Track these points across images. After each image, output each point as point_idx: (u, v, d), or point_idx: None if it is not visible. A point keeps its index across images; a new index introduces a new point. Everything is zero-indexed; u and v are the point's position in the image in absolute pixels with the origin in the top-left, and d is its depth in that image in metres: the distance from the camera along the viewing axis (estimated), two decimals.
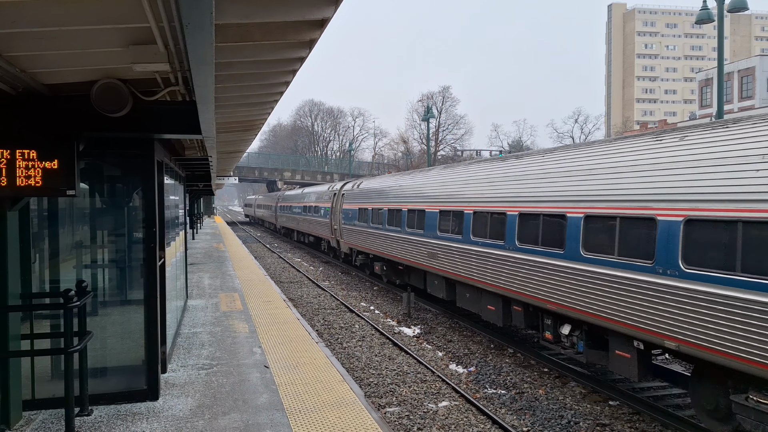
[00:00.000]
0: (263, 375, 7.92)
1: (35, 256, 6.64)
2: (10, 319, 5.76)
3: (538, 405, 9.20)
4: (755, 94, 53.89)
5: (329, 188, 29.65)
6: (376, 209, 20.07)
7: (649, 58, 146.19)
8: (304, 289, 20.58)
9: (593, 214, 8.59)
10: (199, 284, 16.40)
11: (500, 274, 11.10)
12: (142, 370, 6.89)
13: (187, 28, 3.03)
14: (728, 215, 6.51)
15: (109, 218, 7.65)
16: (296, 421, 6.30)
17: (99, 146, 6.36)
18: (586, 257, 8.63)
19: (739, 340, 6.32)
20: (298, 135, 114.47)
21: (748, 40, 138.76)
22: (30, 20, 3.83)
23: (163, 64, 4.70)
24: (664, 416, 8.45)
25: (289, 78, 6.89)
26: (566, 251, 9.09)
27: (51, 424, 6.06)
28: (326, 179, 70.79)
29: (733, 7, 18.19)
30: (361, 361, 11.46)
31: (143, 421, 6.22)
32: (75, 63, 4.99)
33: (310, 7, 4.41)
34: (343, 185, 26.71)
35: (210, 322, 11.38)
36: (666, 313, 7.21)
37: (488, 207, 11.78)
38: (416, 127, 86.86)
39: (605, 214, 8.35)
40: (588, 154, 9.32)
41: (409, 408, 8.92)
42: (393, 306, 17.65)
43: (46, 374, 6.64)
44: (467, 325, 14.54)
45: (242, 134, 12.93)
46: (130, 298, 7.41)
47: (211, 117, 5.84)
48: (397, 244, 17.78)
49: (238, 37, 4.73)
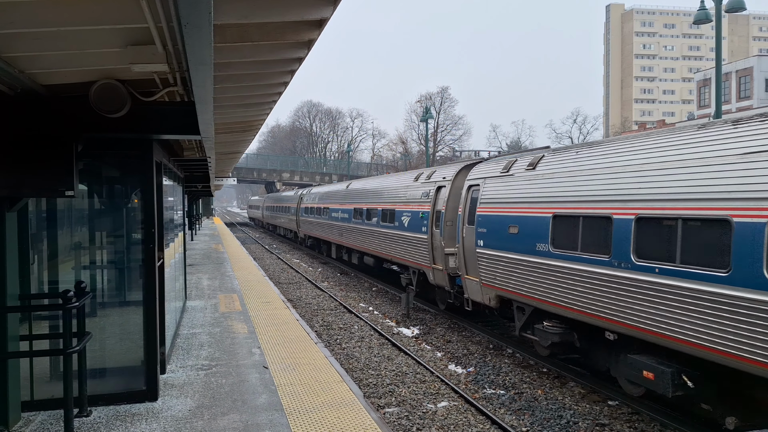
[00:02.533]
0: (262, 375, 7.92)
1: (34, 257, 6.64)
2: (9, 320, 5.75)
3: (537, 405, 9.20)
4: (753, 94, 53.99)
5: (432, 177, 15.86)
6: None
7: (648, 58, 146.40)
8: (303, 290, 20.57)
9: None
10: (198, 285, 16.39)
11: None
12: (141, 371, 6.89)
13: (186, 29, 3.03)
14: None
15: (107, 219, 7.65)
16: (295, 421, 6.30)
17: (97, 147, 6.36)
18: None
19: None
20: (297, 136, 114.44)
21: (746, 40, 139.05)
22: (28, 21, 3.83)
23: (162, 64, 4.70)
24: (663, 416, 8.45)
25: (288, 78, 6.91)
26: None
27: (50, 425, 6.05)
28: (324, 180, 70.77)
29: (731, 7, 18.24)
30: (360, 361, 11.46)
31: (142, 422, 6.21)
32: (73, 63, 4.99)
33: (309, 8, 4.42)
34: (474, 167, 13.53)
35: (209, 322, 11.37)
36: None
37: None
38: (415, 127, 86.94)
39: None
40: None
41: (408, 408, 8.92)
42: (392, 306, 17.64)
43: (45, 375, 6.64)
44: (466, 325, 14.54)
45: (241, 135, 12.94)
46: (129, 299, 7.41)
47: (209, 118, 5.84)
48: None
49: (236, 38, 4.74)
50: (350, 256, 24.95)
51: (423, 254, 15.53)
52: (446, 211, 14.27)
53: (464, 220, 12.77)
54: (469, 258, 12.48)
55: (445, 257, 14.08)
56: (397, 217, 17.60)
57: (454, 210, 14.07)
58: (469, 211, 12.61)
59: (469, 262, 12.52)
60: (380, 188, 20.79)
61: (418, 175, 17.38)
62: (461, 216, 12.91)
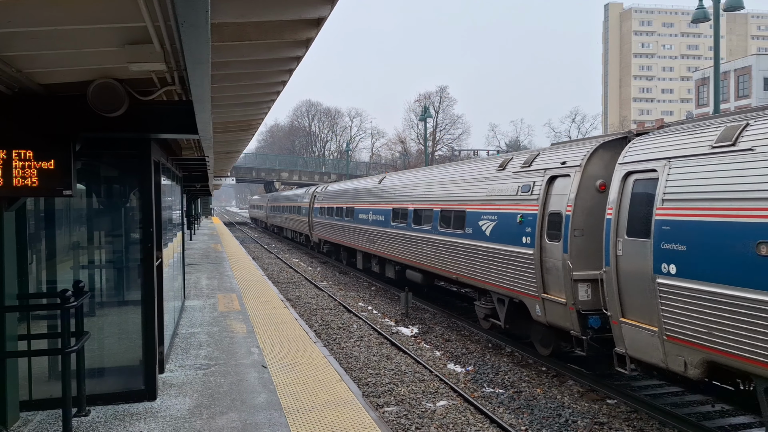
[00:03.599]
0: (261, 375, 7.92)
1: (32, 256, 6.63)
2: (7, 319, 5.74)
3: (536, 404, 9.21)
4: (752, 93, 54.04)
5: (535, 163, 11.37)
6: None
7: (646, 57, 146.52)
8: (302, 290, 20.57)
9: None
10: (197, 285, 16.38)
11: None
12: (139, 371, 6.88)
13: (183, 27, 3.03)
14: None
15: (106, 219, 7.64)
16: (294, 420, 6.30)
17: (95, 146, 6.35)
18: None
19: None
20: (296, 135, 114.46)
21: (745, 39, 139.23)
22: (26, 20, 3.83)
23: (160, 63, 4.70)
24: (662, 414, 8.46)
25: (286, 77, 6.91)
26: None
27: (48, 424, 6.05)
28: (323, 180, 70.76)
29: (729, 5, 18.24)
30: (359, 360, 11.46)
31: (141, 422, 6.21)
32: (71, 63, 4.99)
33: (306, 6, 4.43)
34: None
35: (208, 322, 11.37)
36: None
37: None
38: (414, 127, 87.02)
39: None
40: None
41: (407, 407, 8.92)
42: (391, 306, 17.65)
43: (44, 375, 6.63)
44: (465, 324, 14.55)
45: (239, 134, 12.94)
46: (127, 299, 7.41)
47: (207, 117, 5.84)
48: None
49: (234, 36, 4.74)
50: (383, 267, 20.26)
51: (523, 277, 10.67)
52: (573, 213, 9.46)
53: (620, 229, 8.30)
54: (634, 290, 8.04)
55: (573, 284, 9.30)
56: (471, 222, 12.83)
57: (588, 212, 9.43)
58: (635, 214, 8.13)
59: (634, 296, 8.05)
60: (436, 182, 15.84)
61: (504, 162, 12.37)
62: (612, 222, 8.41)
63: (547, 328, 10.46)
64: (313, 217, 31.44)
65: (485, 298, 12.69)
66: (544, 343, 10.89)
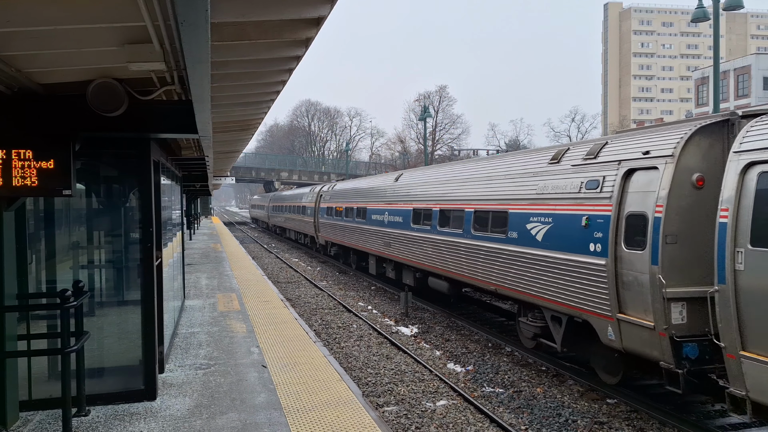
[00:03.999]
0: (261, 374, 7.92)
1: (32, 256, 6.63)
2: (7, 319, 5.74)
3: (536, 403, 9.21)
4: (751, 93, 54.06)
5: (602, 153, 9.39)
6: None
7: (646, 56, 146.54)
8: (301, 289, 20.56)
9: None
10: (197, 285, 16.38)
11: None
12: (139, 371, 6.88)
13: (183, 26, 3.03)
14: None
15: (105, 218, 7.64)
16: (294, 420, 6.29)
17: (95, 146, 6.35)
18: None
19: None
20: (295, 135, 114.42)
21: (744, 38, 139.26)
22: (25, 19, 3.83)
23: (159, 63, 4.69)
24: (662, 414, 8.46)
25: (286, 77, 6.91)
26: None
27: (48, 424, 6.04)
28: (323, 179, 70.76)
29: (729, 5, 18.25)
30: (359, 360, 11.46)
31: (141, 421, 6.21)
32: (70, 62, 4.98)
33: (306, 5, 4.42)
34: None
35: (207, 322, 11.37)
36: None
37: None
38: (413, 126, 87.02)
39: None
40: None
41: (407, 407, 8.92)
42: (391, 306, 17.65)
43: (43, 375, 6.62)
44: (465, 324, 14.55)
45: (239, 134, 12.94)
46: (127, 299, 7.40)
47: (207, 116, 5.84)
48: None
49: (234, 36, 4.74)
50: (399, 273, 18.47)
51: (590, 292, 8.87)
52: (665, 215, 7.64)
53: (740, 237, 6.52)
54: (762, 316, 6.26)
55: (665, 304, 7.51)
56: (515, 224, 11.03)
57: (683, 213, 7.66)
58: (762, 217, 6.33)
59: (761, 324, 6.28)
60: (468, 179, 13.81)
61: (559, 154, 10.46)
62: (728, 227, 6.61)
63: (618, 354, 8.74)
64: (319, 218, 29.26)
65: (533, 313, 10.84)
66: (610, 370, 9.20)
